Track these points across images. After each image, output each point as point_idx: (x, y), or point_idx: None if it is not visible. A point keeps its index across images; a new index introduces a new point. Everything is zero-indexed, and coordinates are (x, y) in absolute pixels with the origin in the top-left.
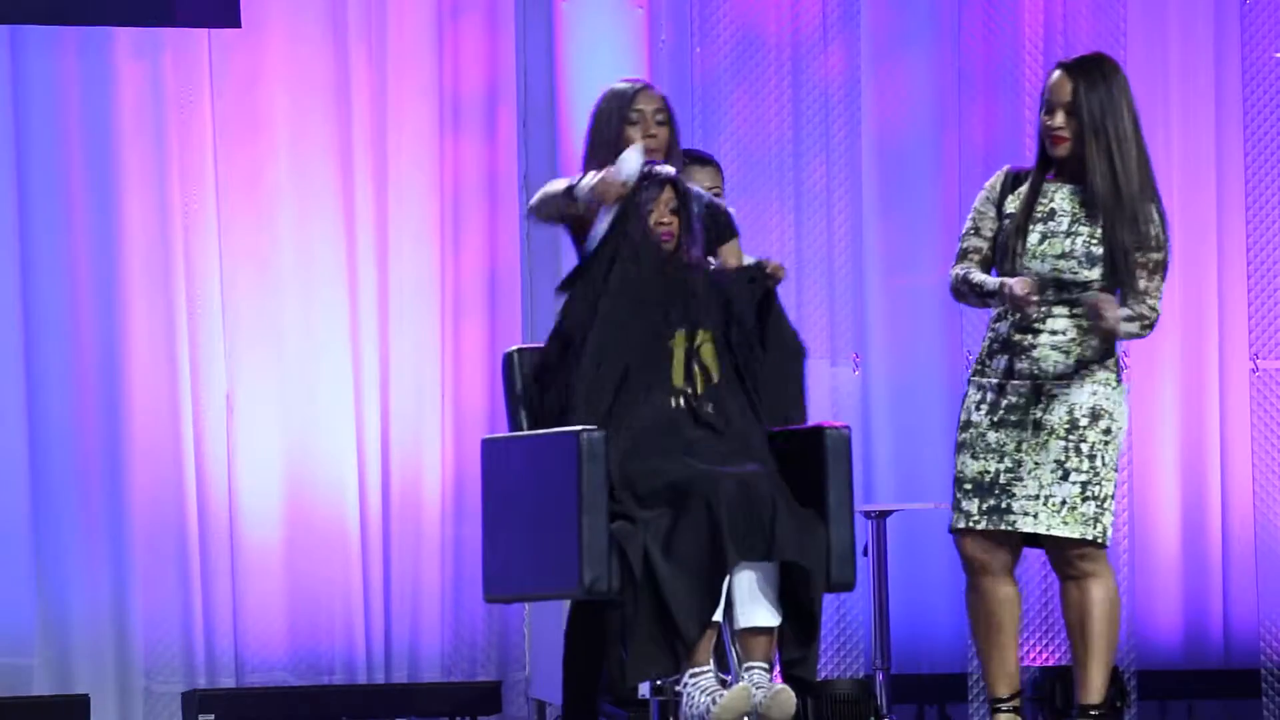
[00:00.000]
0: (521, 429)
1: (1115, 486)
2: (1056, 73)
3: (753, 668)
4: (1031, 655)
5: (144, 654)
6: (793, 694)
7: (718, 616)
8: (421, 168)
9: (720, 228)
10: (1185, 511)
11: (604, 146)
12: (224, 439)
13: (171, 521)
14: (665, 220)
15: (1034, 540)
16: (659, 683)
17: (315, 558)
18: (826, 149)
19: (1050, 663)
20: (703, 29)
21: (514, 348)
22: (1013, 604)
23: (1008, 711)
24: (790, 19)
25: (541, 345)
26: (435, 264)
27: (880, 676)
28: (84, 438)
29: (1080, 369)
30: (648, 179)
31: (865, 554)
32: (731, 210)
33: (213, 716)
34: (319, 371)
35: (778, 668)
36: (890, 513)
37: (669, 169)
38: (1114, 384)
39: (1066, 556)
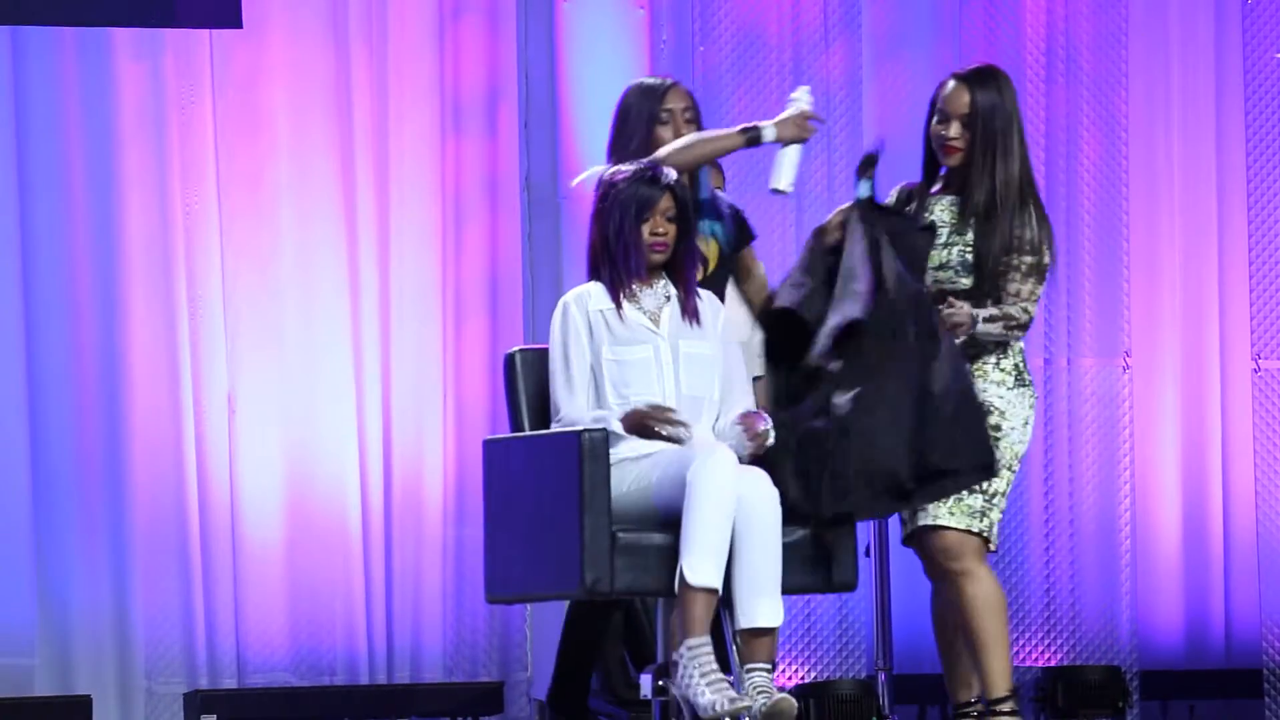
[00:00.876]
0: (523, 429)
1: (1009, 486)
2: (951, 83)
3: (755, 669)
4: (1033, 656)
5: (145, 654)
6: (794, 702)
7: (714, 585)
8: (423, 168)
9: (742, 230)
10: (1187, 511)
11: (632, 143)
12: (225, 439)
13: (173, 522)
14: (660, 230)
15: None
16: (660, 683)
17: (317, 558)
18: (828, 149)
19: (1052, 663)
20: (704, 29)
21: (515, 348)
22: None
23: (973, 717)
24: (791, 19)
25: (543, 346)
26: (436, 264)
27: (882, 677)
28: (85, 438)
29: (971, 369)
30: (650, 179)
31: (867, 554)
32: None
33: (214, 717)
34: (320, 371)
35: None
36: (892, 513)
37: (672, 173)
38: (1009, 385)
39: (942, 553)
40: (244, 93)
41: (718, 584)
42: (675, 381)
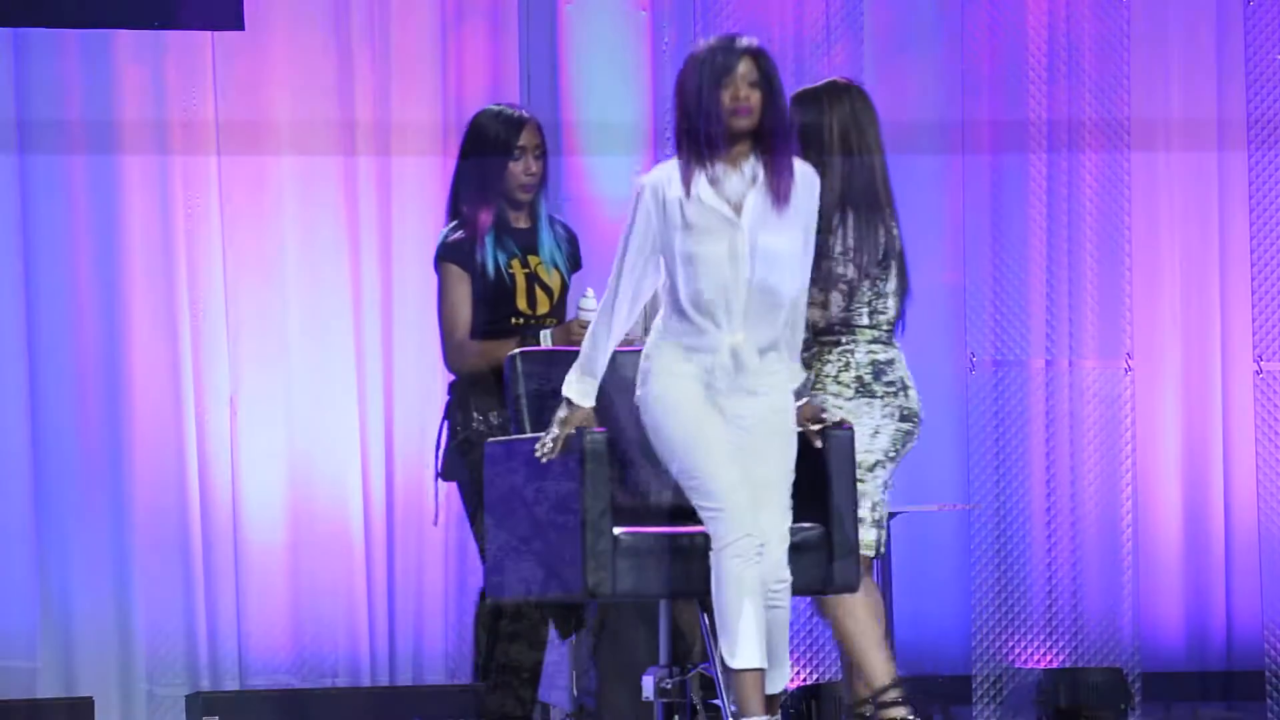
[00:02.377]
0: (524, 431)
1: (876, 494)
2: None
3: None
4: (1035, 657)
5: (147, 657)
6: None
7: (761, 664)
8: (425, 171)
9: (574, 259)
10: (1189, 513)
11: (487, 169)
12: (227, 441)
13: (175, 524)
14: (742, 95)
15: None
16: (664, 685)
17: (319, 560)
18: None
19: (1054, 665)
20: (706, 31)
21: (516, 350)
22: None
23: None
24: (794, 20)
25: (544, 349)
26: None
27: None
28: (87, 440)
29: (814, 386)
30: (724, 50)
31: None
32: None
33: (216, 719)
34: (322, 374)
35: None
36: (894, 515)
37: (754, 40)
38: (848, 396)
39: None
40: (245, 95)
41: (762, 662)
42: (750, 274)
